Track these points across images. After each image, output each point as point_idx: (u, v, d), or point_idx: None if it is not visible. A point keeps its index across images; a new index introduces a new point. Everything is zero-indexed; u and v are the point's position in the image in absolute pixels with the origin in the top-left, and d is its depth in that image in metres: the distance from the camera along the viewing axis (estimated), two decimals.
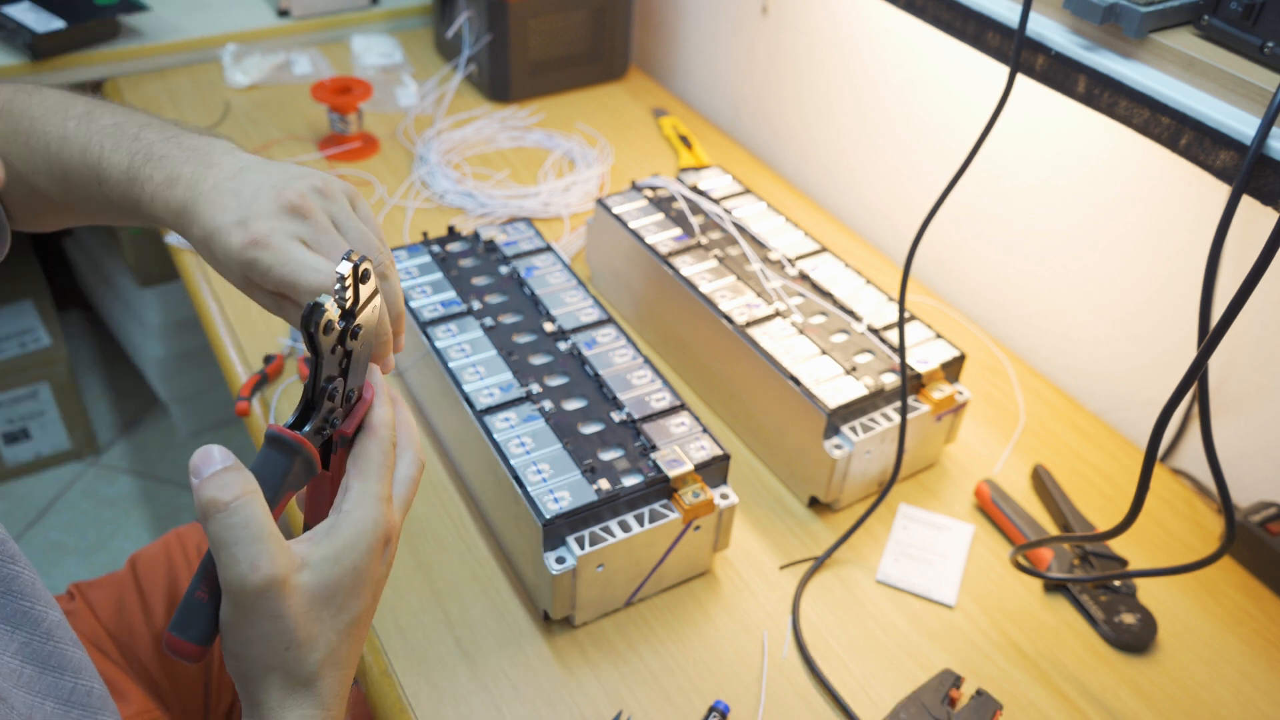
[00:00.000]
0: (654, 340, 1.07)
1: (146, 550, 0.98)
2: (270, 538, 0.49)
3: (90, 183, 0.67)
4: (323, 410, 0.54)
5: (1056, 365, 1.11)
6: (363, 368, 0.56)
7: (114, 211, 0.68)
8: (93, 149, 0.66)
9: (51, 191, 0.69)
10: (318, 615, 0.51)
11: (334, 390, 0.54)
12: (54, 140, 0.68)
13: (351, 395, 0.56)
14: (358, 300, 0.54)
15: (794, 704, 0.77)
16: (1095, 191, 1.01)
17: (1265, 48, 0.66)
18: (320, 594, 0.51)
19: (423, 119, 1.41)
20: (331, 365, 0.54)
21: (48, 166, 0.68)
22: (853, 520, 0.90)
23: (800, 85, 1.35)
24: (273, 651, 0.50)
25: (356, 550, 0.52)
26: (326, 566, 0.51)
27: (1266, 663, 0.83)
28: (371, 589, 0.54)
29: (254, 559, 0.48)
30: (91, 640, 0.88)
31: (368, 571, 0.53)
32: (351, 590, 0.52)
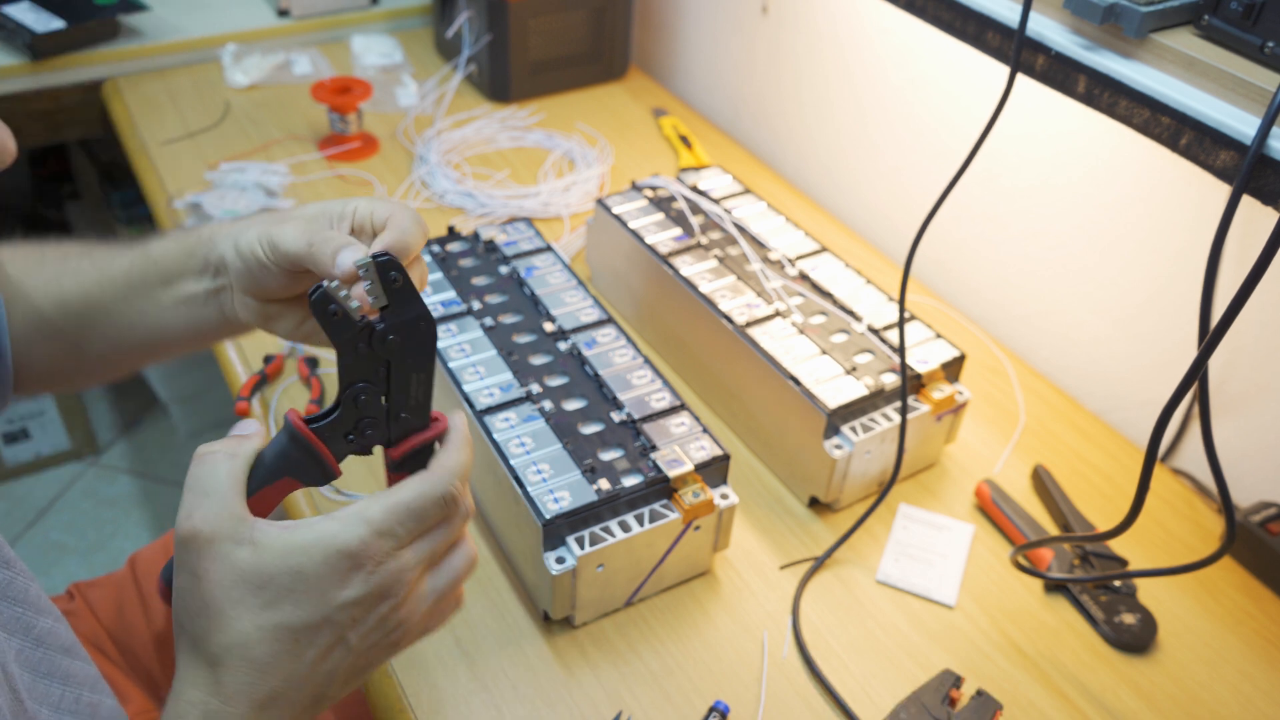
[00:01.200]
0: (654, 340, 1.07)
1: (146, 550, 0.98)
2: (215, 495, 0.49)
3: (139, 273, 0.67)
4: (351, 416, 0.53)
5: (1056, 365, 1.11)
6: (416, 388, 0.54)
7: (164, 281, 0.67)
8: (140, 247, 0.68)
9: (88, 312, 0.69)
10: (239, 597, 0.48)
11: (364, 397, 0.53)
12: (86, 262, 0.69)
13: (402, 414, 0.54)
14: (390, 303, 0.52)
15: (794, 704, 0.77)
16: (1095, 191, 1.01)
17: (1265, 48, 0.66)
18: (250, 576, 0.48)
19: (423, 119, 1.41)
20: (359, 366, 0.52)
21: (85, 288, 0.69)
22: (853, 520, 0.90)
23: (800, 85, 1.35)
24: (185, 611, 0.49)
25: (309, 554, 0.49)
26: (270, 555, 0.48)
27: (1266, 663, 0.83)
28: (319, 606, 0.49)
29: (190, 508, 0.49)
30: (91, 641, 0.88)
31: (315, 581, 0.49)
32: (287, 591, 0.48)
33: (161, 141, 1.32)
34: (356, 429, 0.54)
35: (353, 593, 0.50)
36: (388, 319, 0.52)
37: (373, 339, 0.52)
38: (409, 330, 0.53)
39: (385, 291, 0.52)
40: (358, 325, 0.52)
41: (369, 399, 0.53)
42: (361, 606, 0.50)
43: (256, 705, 0.49)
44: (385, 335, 0.52)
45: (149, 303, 0.67)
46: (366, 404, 0.53)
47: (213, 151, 1.31)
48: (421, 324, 0.53)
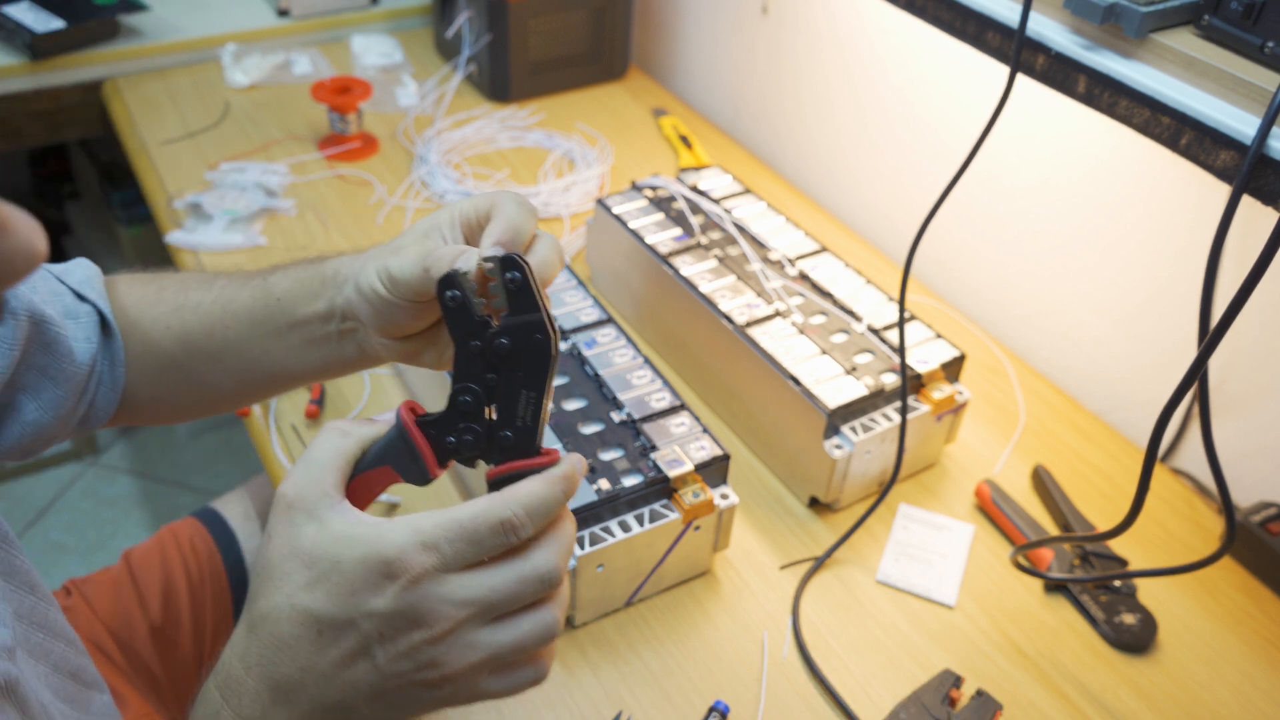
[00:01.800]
0: (654, 340, 1.07)
1: (140, 547, 0.98)
2: (313, 465, 0.49)
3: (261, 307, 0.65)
4: (454, 419, 0.50)
5: (1056, 365, 1.11)
6: (524, 407, 0.50)
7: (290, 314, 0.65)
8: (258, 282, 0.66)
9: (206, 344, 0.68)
10: (289, 570, 0.47)
11: (466, 399, 0.50)
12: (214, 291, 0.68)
13: (505, 433, 0.50)
14: (509, 307, 0.49)
15: (794, 704, 0.77)
16: (1095, 191, 1.01)
17: (1265, 47, 0.66)
18: (301, 553, 0.47)
19: (423, 119, 1.41)
20: (469, 367, 0.49)
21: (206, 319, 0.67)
22: (853, 520, 0.90)
23: (800, 85, 1.35)
24: (254, 566, 0.49)
25: (351, 548, 0.47)
26: (324, 538, 0.47)
27: (1266, 663, 0.83)
28: (346, 605, 0.47)
29: (291, 471, 0.50)
30: (91, 639, 0.88)
31: (348, 578, 0.46)
32: (323, 578, 0.47)
33: (161, 141, 1.32)
34: (458, 434, 0.51)
35: (382, 603, 0.46)
36: (505, 322, 0.49)
37: (485, 339, 0.49)
38: (522, 339, 0.49)
39: (504, 293, 0.48)
40: (475, 319, 0.49)
41: (473, 404, 0.50)
42: (390, 623, 0.47)
43: (272, 685, 0.48)
44: (497, 337, 0.49)
45: (276, 342, 0.65)
46: (469, 408, 0.50)
47: (213, 151, 1.31)
48: (537, 336, 0.49)
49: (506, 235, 0.52)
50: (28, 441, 0.65)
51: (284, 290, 0.64)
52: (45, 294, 0.65)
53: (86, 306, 0.67)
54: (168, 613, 0.92)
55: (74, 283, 0.68)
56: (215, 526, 1.00)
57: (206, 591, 0.95)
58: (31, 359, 0.63)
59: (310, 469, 0.50)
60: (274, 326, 0.64)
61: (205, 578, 0.96)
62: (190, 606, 0.94)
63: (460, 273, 0.49)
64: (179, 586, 0.94)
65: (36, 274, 0.65)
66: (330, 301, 0.61)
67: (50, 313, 0.64)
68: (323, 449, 0.50)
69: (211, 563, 0.97)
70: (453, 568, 0.47)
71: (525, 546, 0.49)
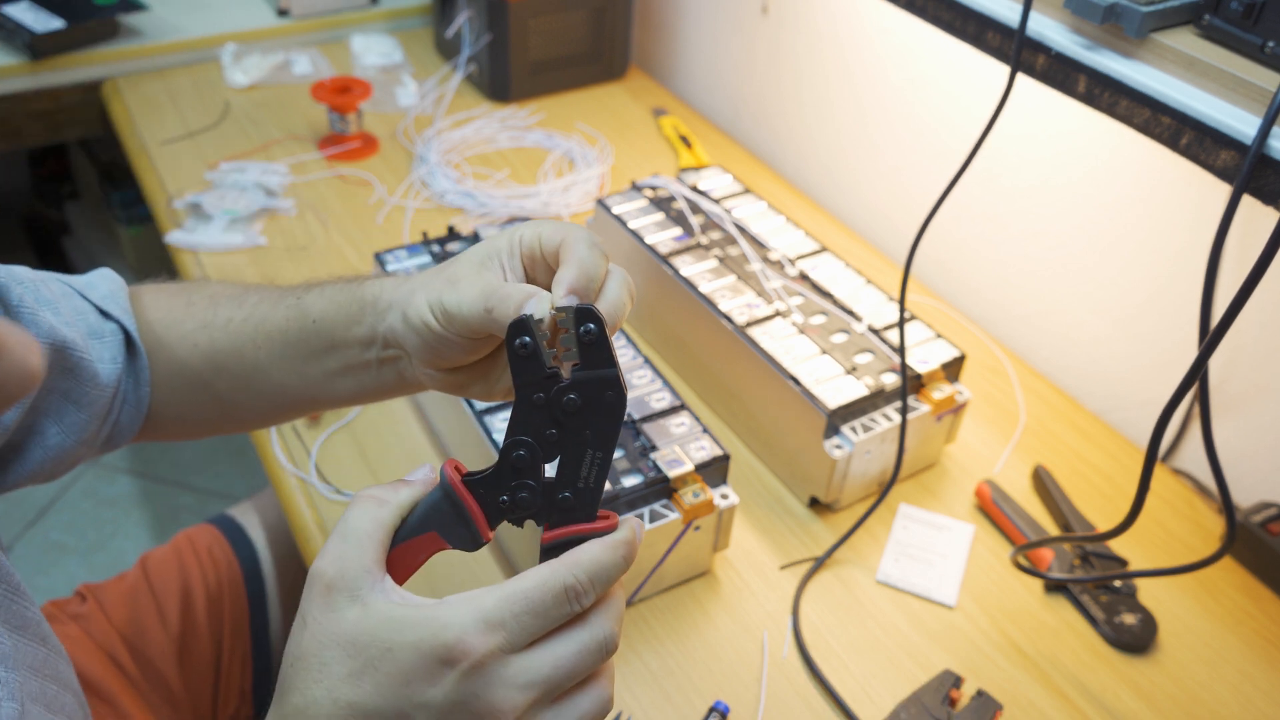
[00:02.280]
0: (654, 340, 1.07)
1: (157, 552, 0.97)
2: (351, 540, 0.45)
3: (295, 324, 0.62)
4: (507, 476, 0.47)
5: (1057, 365, 1.11)
6: (589, 469, 0.47)
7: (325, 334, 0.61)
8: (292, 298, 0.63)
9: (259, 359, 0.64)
10: (329, 659, 0.43)
11: (522, 453, 0.47)
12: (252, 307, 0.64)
13: (565, 494, 0.47)
14: (581, 360, 0.46)
15: (794, 704, 0.77)
16: (1096, 191, 1.01)
17: (1266, 47, 0.66)
18: (344, 640, 0.43)
19: (422, 119, 1.41)
20: (529, 420, 0.46)
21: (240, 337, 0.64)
22: (853, 520, 0.90)
23: (800, 85, 1.35)
24: (288, 652, 0.45)
25: (405, 633, 0.43)
26: (371, 622, 0.43)
27: (1267, 663, 0.83)
28: (399, 697, 0.43)
29: (327, 548, 0.46)
30: (104, 647, 0.87)
31: (403, 666, 0.43)
32: (371, 668, 0.43)
33: (161, 141, 1.32)
34: (511, 492, 0.47)
35: (439, 693, 0.43)
36: (574, 377, 0.46)
37: (552, 393, 0.46)
38: (593, 395, 0.46)
39: (577, 345, 0.46)
40: (544, 370, 0.46)
41: (528, 459, 0.47)
42: (449, 714, 0.43)
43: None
44: (567, 393, 0.46)
45: (312, 366, 0.62)
46: (524, 464, 0.47)
47: (212, 151, 1.31)
48: (609, 394, 0.46)
49: (581, 282, 0.48)
50: (50, 465, 0.62)
51: (320, 312, 0.61)
52: (68, 314, 0.62)
53: (111, 325, 0.64)
54: (185, 622, 0.92)
55: (97, 299, 0.65)
56: (233, 534, 0.99)
57: (225, 601, 0.95)
58: (53, 383, 0.61)
59: (348, 545, 0.45)
60: (309, 351, 0.61)
61: (223, 587, 0.95)
62: (208, 616, 0.93)
63: (534, 319, 0.46)
64: (197, 595, 0.93)
65: (58, 291, 0.63)
66: (372, 328, 0.58)
67: (72, 336, 0.60)
68: (359, 521, 0.46)
69: (230, 571, 0.96)
70: (518, 645, 0.44)
71: (585, 615, 0.46)
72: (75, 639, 0.86)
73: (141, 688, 0.87)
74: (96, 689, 0.82)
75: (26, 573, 1.67)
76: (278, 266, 1.14)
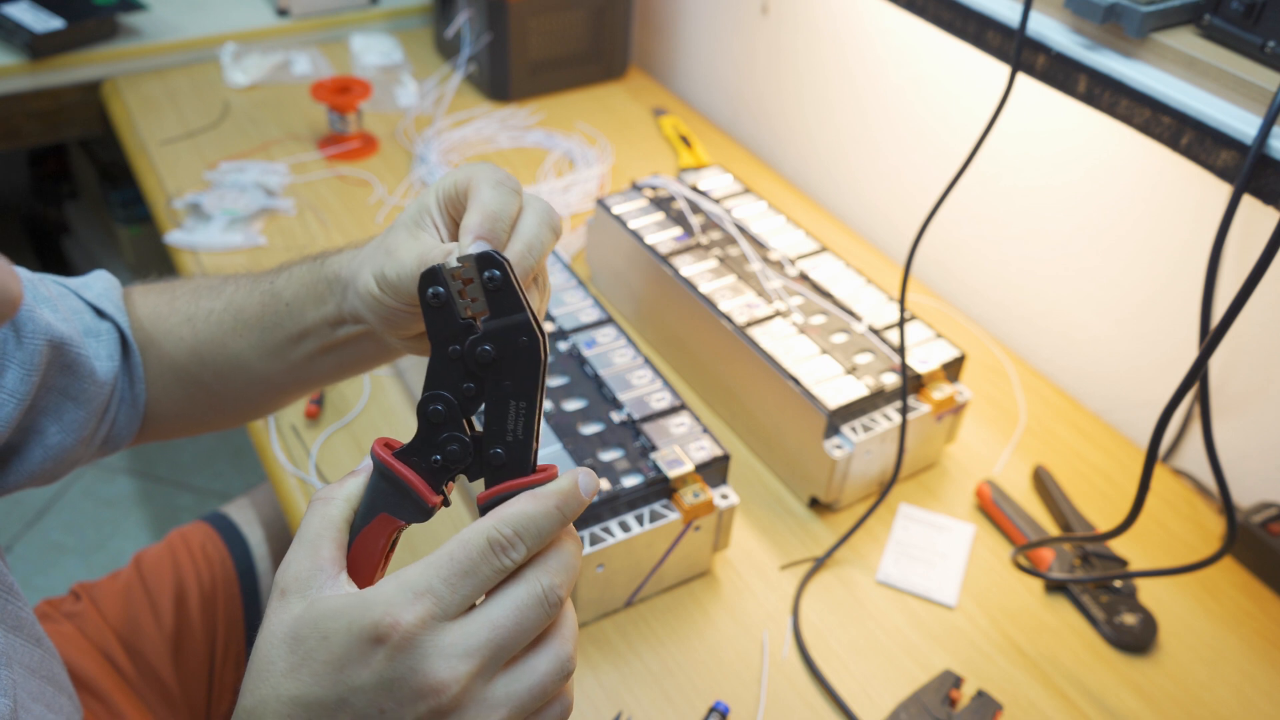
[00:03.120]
0: (654, 340, 1.07)
1: (151, 550, 0.97)
2: (304, 542, 0.45)
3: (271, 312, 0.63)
4: (430, 435, 0.46)
5: (1057, 365, 1.11)
6: (514, 420, 0.45)
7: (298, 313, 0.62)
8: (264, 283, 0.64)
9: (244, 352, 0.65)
10: (274, 657, 0.43)
11: (438, 407, 0.45)
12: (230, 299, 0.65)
13: (495, 450, 0.46)
14: (489, 310, 0.45)
15: (794, 704, 0.77)
16: (1096, 191, 1.01)
17: (1266, 47, 0.66)
18: (288, 634, 0.43)
19: (422, 118, 1.41)
20: (445, 373, 0.45)
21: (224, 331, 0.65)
22: (853, 520, 0.90)
23: (800, 85, 1.35)
24: None
25: (338, 619, 0.42)
26: (312, 614, 0.42)
27: (1267, 663, 0.83)
28: (335, 683, 0.41)
29: (287, 554, 0.45)
30: (99, 645, 0.87)
31: (337, 652, 0.41)
32: (309, 659, 0.42)
33: (161, 141, 1.32)
34: (441, 447, 0.46)
35: (370, 673, 0.41)
36: (486, 327, 0.45)
37: (466, 345, 0.45)
38: (507, 344, 0.45)
39: (484, 293, 0.44)
40: (458, 322, 0.45)
41: (446, 414, 0.46)
42: (389, 694, 0.41)
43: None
44: (479, 344, 0.45)
45: (291, 350, 0.62)
46: (442, 420, 0.46)
47: (212, 151, 1.31)
48: (523, 339, 0.45)
49: (486, 226, 0.47)
50: (50, 465, 0.62)
51: (292, 295, 0.61)
52: (65, 311, 0.63)
53: (106, 324, 0.65)
54: (180, 619, 0.92)
55: (92, 297, 0.66)
56: (226, 531, 0.99)
57: (219, 598, 0.95)
58: (51, 381, 0.61)
59: (301, 548, 0.45)
60: (286, 335, 0.62)
61: (217, 583, 0.95)
62: (202, 613, 0.93)
63: (446, 268, 0.45)
64: (191, 592, 0.93)
65: (54, 291, 0.64)
66: (337, 307, 0.58)
67: (68, 332, 0.61)
68: (310, 523, 0.45)
69: (224, 568, 0.96)
70: (451, 612, 0.42)
71: (519, 571, 0.44)
72: (70, 637, 0.86)
73: (136, 685, 0.87)
74: (91, 687, 0.82)
75: (26, 573, 1.67)
76: None
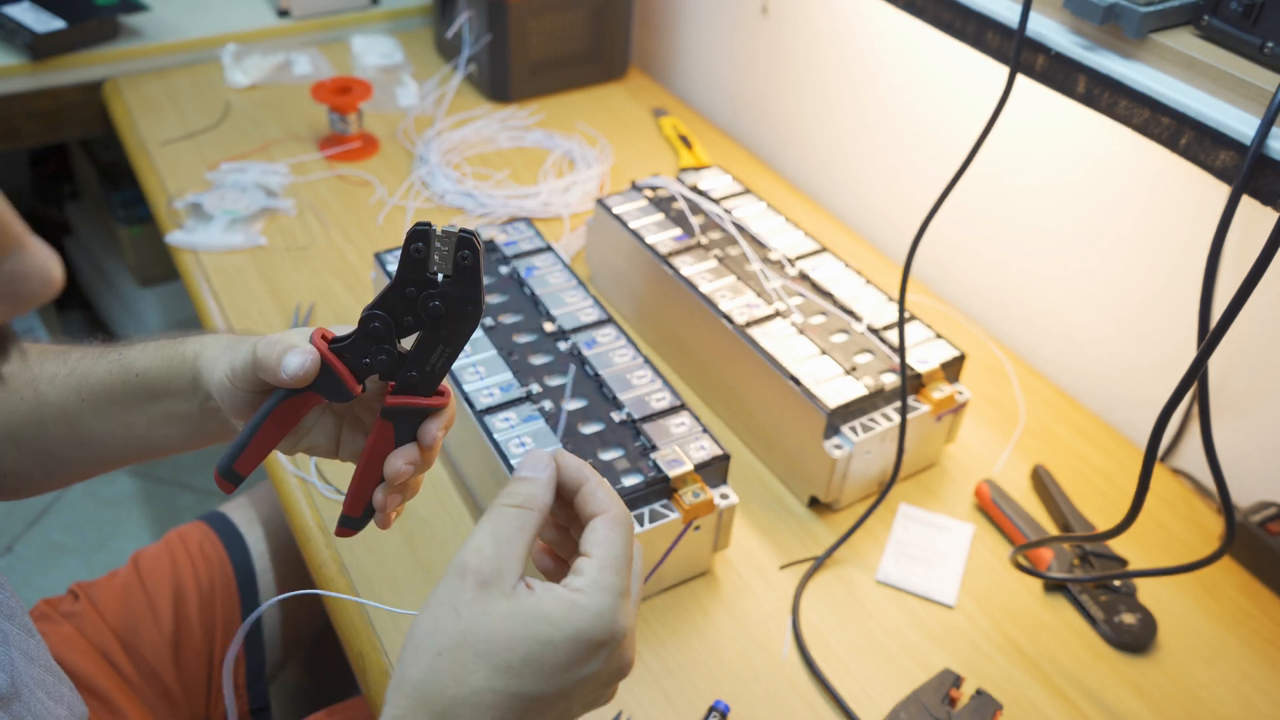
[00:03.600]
0: (654, 340, 1.07)
1: (149, 550, 0.97)
2: (498, 539, 0.49)
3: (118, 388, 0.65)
4: (365, 340, 0.55)
5: (1057, 365, 1.11)
6: (437, 358, 0.56)
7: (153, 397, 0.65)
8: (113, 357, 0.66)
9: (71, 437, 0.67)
10: (480, 649, 0.47)
11: (377, 325, 0.55)
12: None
13: (413, 373, 0.56)
14: (453, 276, 0.54)
15: (794, 704, 0.77)
16: (1095, 191, 1.01)
17: (1265, 48, 0.66)
18: (500, 636, 0.47)
19: (423, 119, 1.41)
20: (392, 302, 0.54)
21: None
22: (853, 520, 0.90)
23: (800, 85, 1.35)
24: (430, 645, 0.48)
25: (560, 628, 0.47)
26: (524, 619, 0.47)
27: (1266, 663, 0.83)
28: (563, 680, 0.47)
29: (477, 544, 0.49)
30: (98, 645, 0.87)
31: (563, 656, 0.47)
32: (534, 661, 0.47)
33: (161, 141, 1.32)
34: (372, 355, 0.56)
35: (597, 665, 0.49)
36: (443, 287, 0.54)
37: (422, 293, 0.54)
38: (455, 306, 0.55)
39: (454, 265, 0.54)
40: (425, 275, 0.54)
41: (383, 331, 0.55)
42: (606, 681, 0.50)
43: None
44: (433, 298, 0.54)
45: (134, 416, 0.65)
46: (378, 335, 0.55)
47: (213, 151, 1.31)
48: (469, 307, 0.55)
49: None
50: None
51: (144, 366, 0.64)
52: None
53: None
54: (178, 618, 0.92)
55: None
56: (224, 530, 0.99)
57: (217, 596, 0.95)
58: None
59: (500, 544, 0.49)
60: (132, 401, 0.65)
61: (215, 582, 0.95)
62: (200, 612, 0.93)
63: (435, 231, 0.53)
64: (189, 592, 0.94)
65: None
66: (194, 380, 0.62)
67: None
68: (508, 523, 0.50)
69: (221, 568, 0.97)
70: (634, 601, 0.52)
71: None
72: (68, 638, 0.86)
73: (136, 685, 0.88)
74: (91, 688, 0.82)
75: (26, 573, 1.67)
76: (278, 266, 1.14)
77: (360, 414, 0.62)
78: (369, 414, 0.62)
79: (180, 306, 1.81)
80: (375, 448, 0.57)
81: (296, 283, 1.12)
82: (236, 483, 0.58)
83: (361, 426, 0.62)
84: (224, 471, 0.58)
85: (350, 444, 0.62)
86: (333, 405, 0.62)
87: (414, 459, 0.57)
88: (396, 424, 0.57)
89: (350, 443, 0.62)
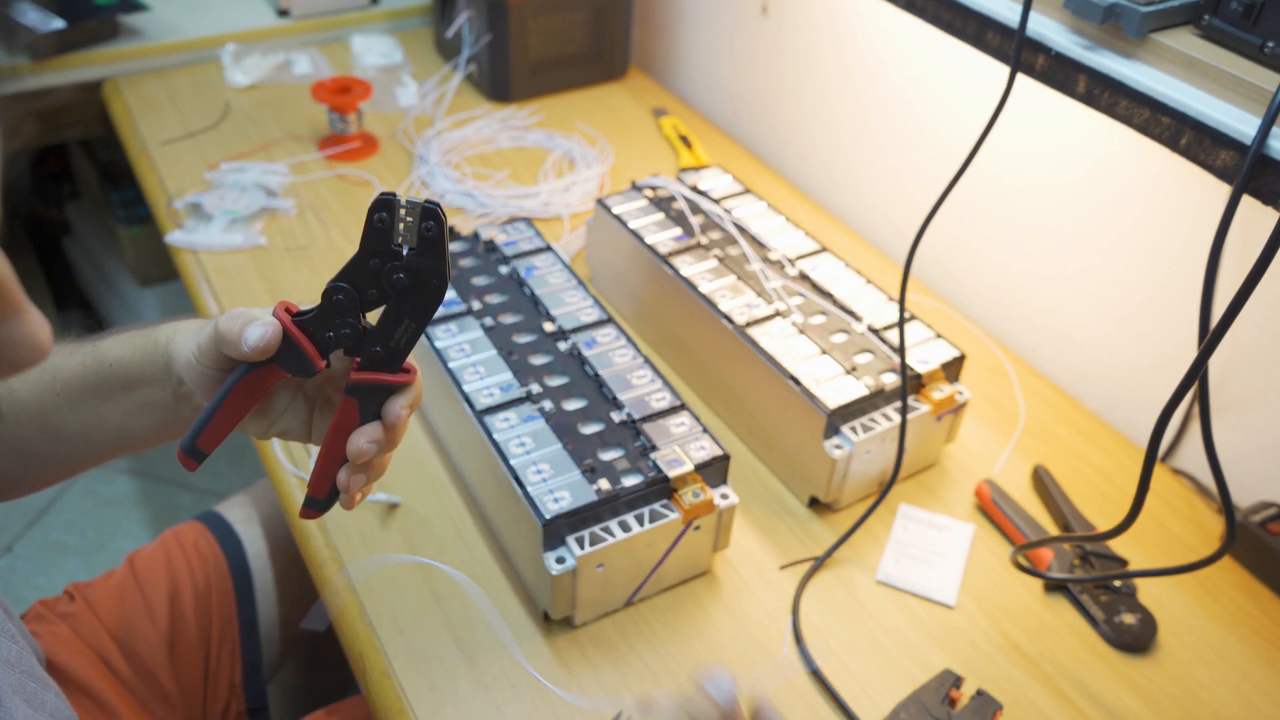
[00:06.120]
0: (654, 340, 1.07)
1: (144, 550, 0.97)
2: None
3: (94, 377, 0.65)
4: (329, 313, 0.55)
5: (1057, 365, 1.11)
6: (401, 333, 0.55)
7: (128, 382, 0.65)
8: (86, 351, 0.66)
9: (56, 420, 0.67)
10: None
11: (340, 298, 0.55)
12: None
13: (377, 348, 0.55)
14: (417, 249, 0.53)
15: (794, 704, 0.77)
16: (1096, 191, 1.01)
17: (1265, 47, 0.66)
18: None
19: (423, 119, 1.41)
20: (357, 274, 0.54)
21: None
22: (853, 520, 0.90)
23: (800, 85, 1.35)
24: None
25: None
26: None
27: (1266, 663, 0.83)
28: None
29: None
30: (94, 646, 0.87)
31: None
32: None
33: (161, 141, 1.32)
34: (335, 329, 0.55)
35: None
36: (408, 260, 0.54)
37: (386, 265, 0.53)
38: (419, 279, 0.54)
39: (418, 236, 0.53)
40: (389, 246, 0.53)
41: (347, 304, 0.55)
42: None
43: None
44: (397, 270, 0.53)
45: (108, 407, 0.65)
46: (342, 308, 0.55)
47: (213, 151, 1.31)
48: (434, 280, 0.54)
49: None
50: None
51: (116, 356, 0.64)
52: None
53: None
54: (174, 618, 0.92)
55: None
56: (219, 530, 0.99)
57: (213, 596, 0.95)
58: None
59: None
60: (105, 392, 0.64)
61: (211, 582, 0.95)
62: (196, 611, 0.93)
63: (399, 201, 0.53)
64: (185, 591, 0.94)
65: None
66: (166, 367, 0.62)
67: None
68: None
69: (217, 567, 0.97)
70: None
71: None
72: (64, 638, 0.86)
73: (132, 685, 0.87)
74: (86, 689, 0.82)
75: (26, 573, 1.67)
76: (277, 266, 1.14)
77: (331, 394, 0.61)
78: (340, 394, 0.61)
79: (180, 306, 1.81)
80: (339, 426, 0.56)
81: (296, 283, 1.12)
82: (200, 460, 0.57)
83: (332, 408, 0.61)
84: (186, 449, 0.57)
85: (322, 426, 0.62)
86: (304, 387, 0.61)
87: (377, 438, 0.56)
88: (361, 401, 0.56)
89: (322, 425, 0.62)
